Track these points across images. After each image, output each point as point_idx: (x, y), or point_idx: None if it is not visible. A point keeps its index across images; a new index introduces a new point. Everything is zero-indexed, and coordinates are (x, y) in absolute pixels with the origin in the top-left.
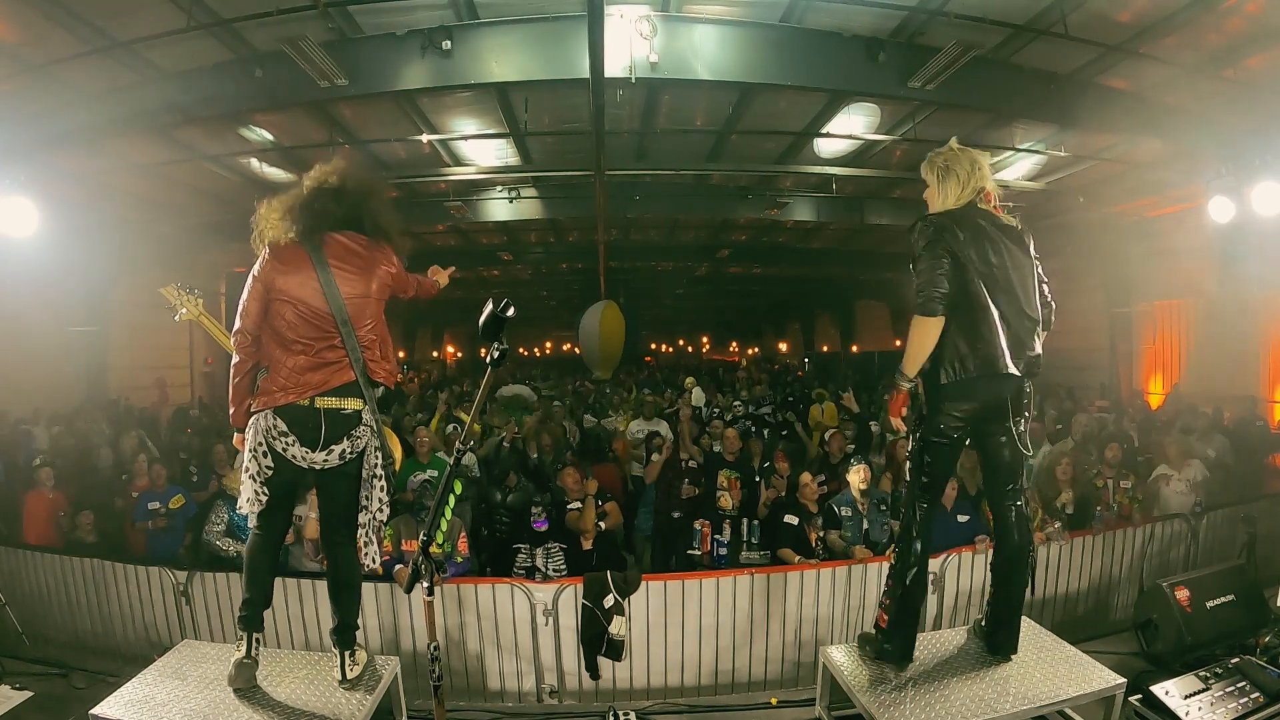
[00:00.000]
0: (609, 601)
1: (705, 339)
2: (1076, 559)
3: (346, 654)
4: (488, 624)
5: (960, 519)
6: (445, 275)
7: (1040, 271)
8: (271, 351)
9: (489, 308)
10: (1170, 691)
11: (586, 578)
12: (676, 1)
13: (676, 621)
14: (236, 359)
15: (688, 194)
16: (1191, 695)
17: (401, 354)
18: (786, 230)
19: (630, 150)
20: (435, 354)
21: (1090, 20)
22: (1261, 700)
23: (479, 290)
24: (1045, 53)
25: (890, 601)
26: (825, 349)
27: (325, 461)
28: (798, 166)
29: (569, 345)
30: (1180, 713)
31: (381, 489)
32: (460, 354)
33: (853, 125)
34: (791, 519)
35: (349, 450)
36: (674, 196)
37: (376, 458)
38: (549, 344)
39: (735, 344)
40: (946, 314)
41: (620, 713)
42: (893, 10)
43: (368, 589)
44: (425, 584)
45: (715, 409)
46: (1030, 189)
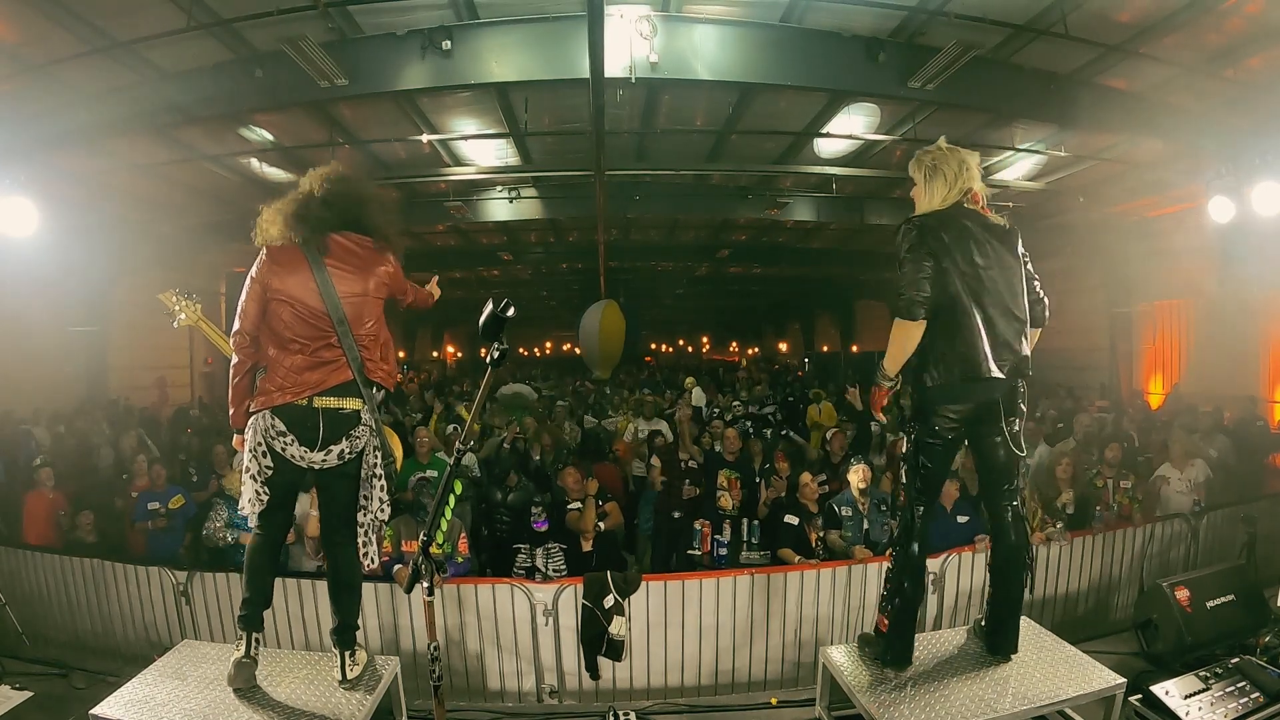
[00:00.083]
0: (609, 601)
1: (705, 339)
2: (1076, 559)
3: (346, 654)
4: (488, 624)
5: (960, 520)
6: (436, 286)
7: (1029, 268)
8: (270, 352)
9: (489, 308)
10: (1170, 691)
11: (586, 578)
12: (676, 1)
13: (676, 621)
14: (235, 360)
15: (688, 194)
16: (1191, 695)
17: (401, 354)
18: (786, 230)
19: (630, 150)
20: (435, 354)
21: (1090, 20)
22: (1261, 700)
23: (479, 290)
24: (1045, 53)
25: (889, 605)
26: (825, 349)
27: (324, 461)
28: (798, 166)
29: (569, 345)
30: (1180, 713)
31: (382, 488)
32: (460, 354)
33: (853, 125)
34: (792, 519)
35: (347, 450)
36: (674, 196)
37: (376, 457)
38: (549, 344)
39: (735, 344)
40: (928, 317)
41: (620, 713)
42: (893, 10)
43: (368, 589)
44: (425, 584)
45: (715, 409)
46: (1030, 189)
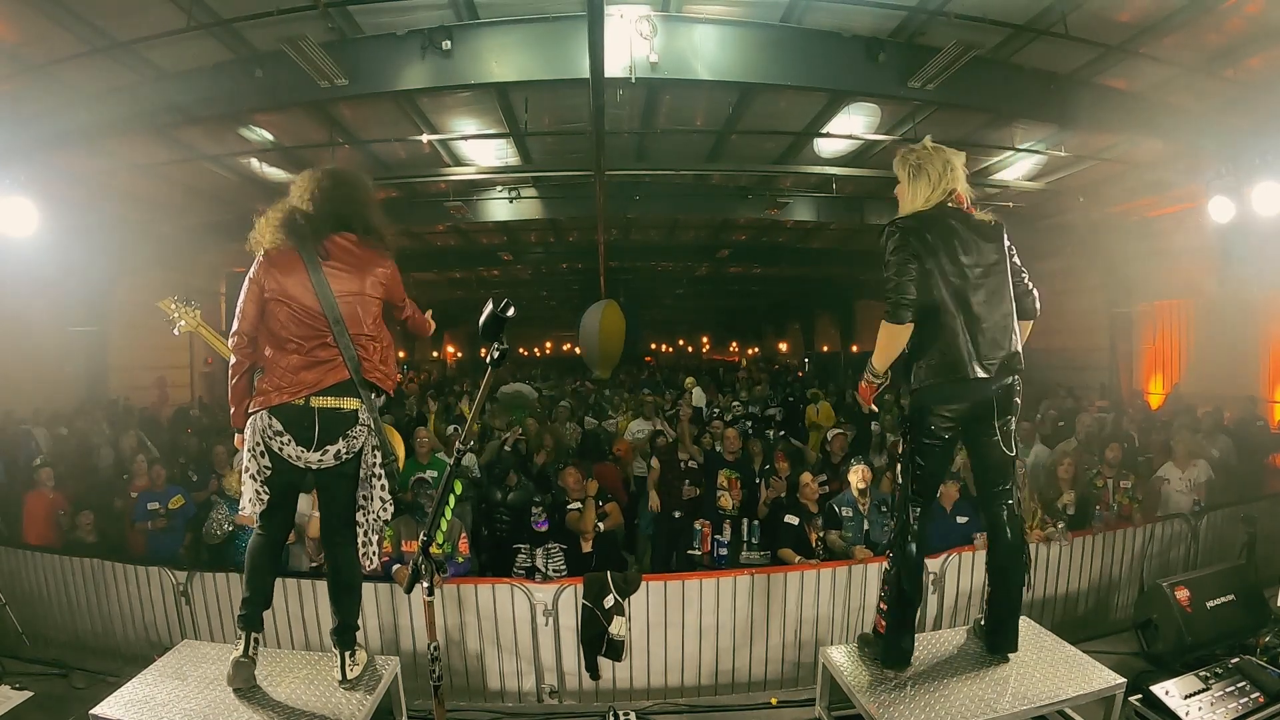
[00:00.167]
0: (609, 602)
1: (705, 339)
2: (1076, 559)
3: (346, 654)
4: (488, 624)
5: (960, 520)
6: (431, 319)
7: (1016, 261)
8: (267, 352)
9: (489, 308)
10: (1170, 691)
11: (586, 578)
12: (676, 1)
13: (676, 621)
14: (233, 360)
15: (688, 194)
16: (1191, 695)
17: (402, 354)
18: (786, 230)
19: (630, 150)
20: (435, 354)
21: (1090, 20)
22: (1261, 700)
23: (479, 290)
24: (1045, 53)
25: (887, 606)
26: (825, 349)
27: (320, 461)
28: (798, 166)
29: (569, 345)
30: (1180, 713)
31: (382, 488)
32: (460, 354)
33: (853, 125)
34: (792, 519)
35: (344, 450)
36: (674, 196)
37: (375, 457)
38: (549, 344)
39: (735, 344)
40: (915, 320)
41: (620, 713)
42: (893, 10)
43: (368, 589)
44: (425, 584)
45: (715, 409)
46: (1030, 189)
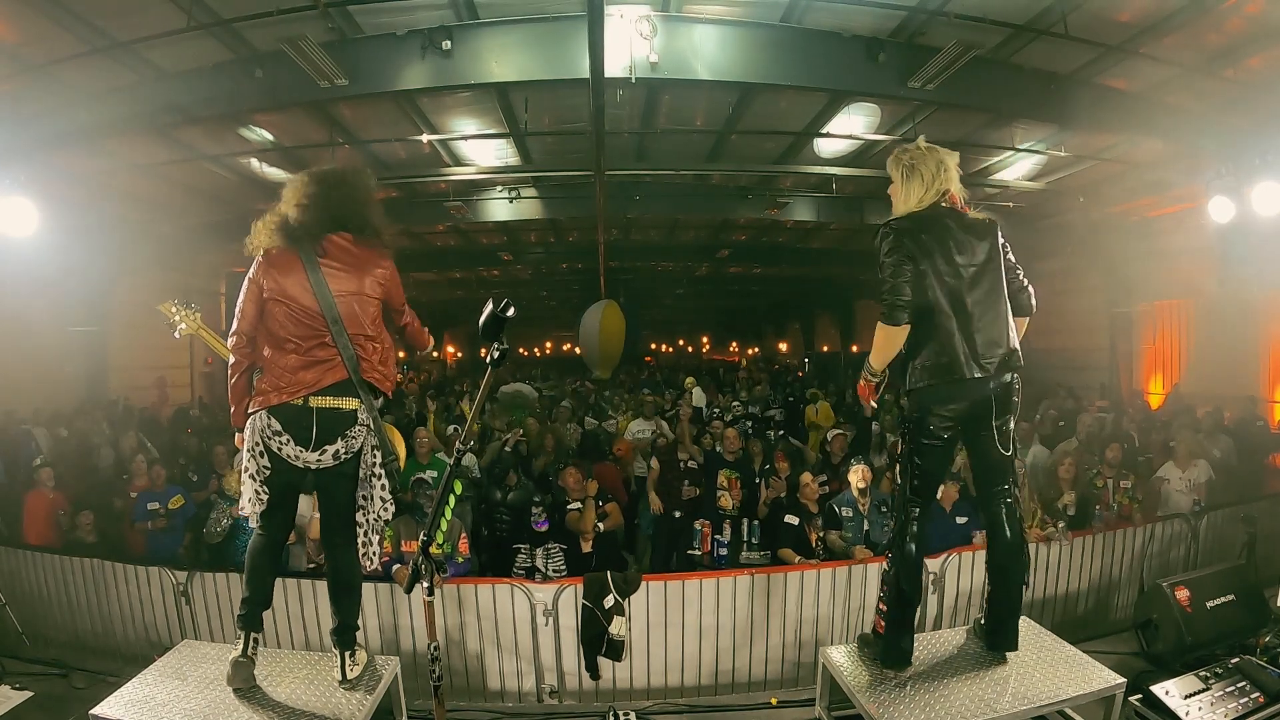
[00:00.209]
0: (609, 602)
1: (705, 339)
2: (1076, 559)
3: (346, 654)
4: (488, 624)
5: (959, 520)
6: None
7: (1010, 258)
8: (265, 352)
9: (489, 308)
10: (1170, 691)
11: (586, 578)
12: (676, 1)
13: (676, 621)
14: (232, 359)
15: (688, 194)
16: (1191, 695)
17: (401, 354)
18: (786, 230)
19: (630, 150)
20: (435, 354)
21: (1090, 20)
22: (1261, 700)
23: (479, 290)
24: (1045, 53)
25: (886, 606)
26: (825, 349)
27: (319, 461)
28: (798, 166)
29: (569, 345)
30: (1180, 713)
31: (383, 487)
32: (460, 354)
33: (853, 125)
34: (792, 519)
35: (343, 450)
36: (674, 196)
37: (375, 457)
38: (549, 344)
39: (735, 344)
40: (911, 321)
41: (620, 713)
42: (893, 10)
43: (368, 589)
44: (425, 584)
45: (716, 409)
46: (1030, 189)
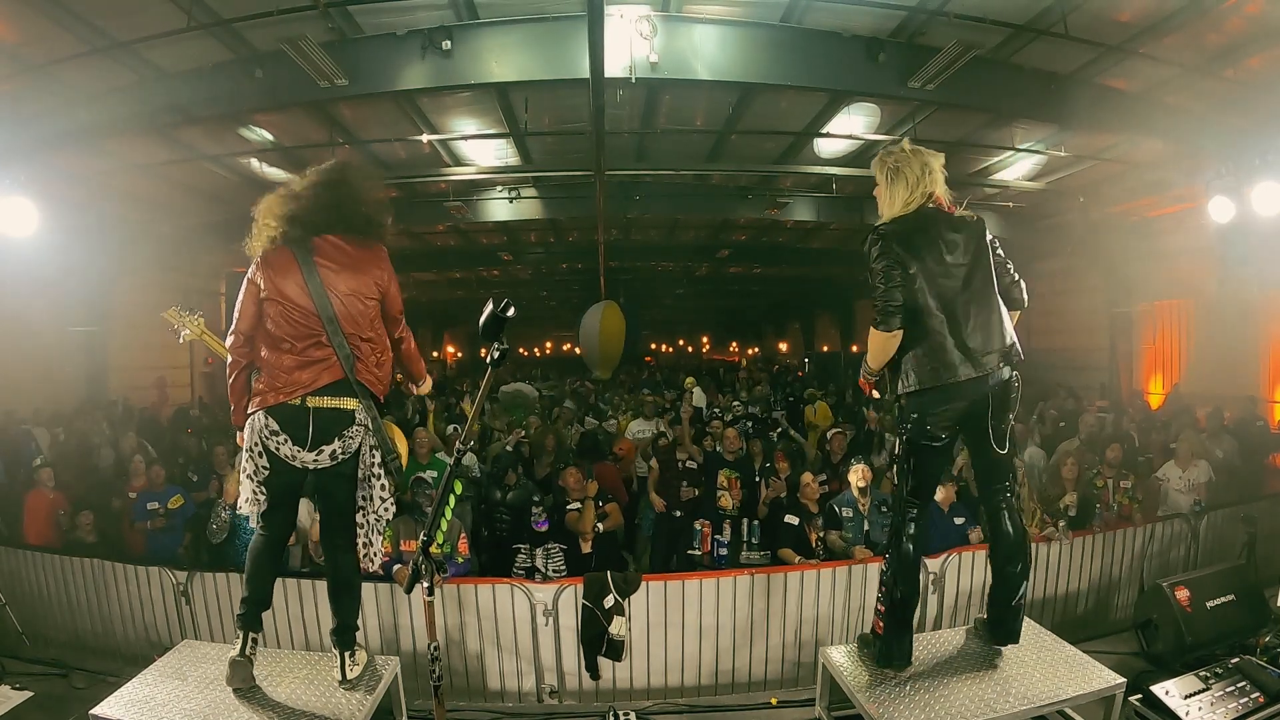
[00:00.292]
0: (609, 601)
1: (705, 339)
2: (1076, 559)
3: (346, 654)
4: (488, 624)
5: (956, 520)
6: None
7: (1000, 254)
8: (263, 353)
9: (489, 308)
10: (1170, 691)
11: (586, 578)
12: (676, 1)
13: (676, 621)
14: (230, 359)
15: (688, 194)
16: (1191, 695)
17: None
18: (786, 230)
19: (630, 150)
20: (435, 354)
21: (1090, 20)
22: (1261, 700)
23: (479, 290)
24: (1045, 53)
25: (885, 607)
26: (825, 349)
27: (316, 461)
28: (798, 166)
29: (569, 345)
30: (1180, 713)
31: (383, 488)
32: (460, 354)
33: (853, 125)
34: (792, 519)
35: (340, 450)
36: (674, 196)
37: (373, 457)
38: (549, 344)
39: (735, 344)
40: (903, 326)
41: (620, 713)
42: (893, 10)
43: (368, 589)
44: (425, 584)
45: (716, 409)
46: (1030, 189)
